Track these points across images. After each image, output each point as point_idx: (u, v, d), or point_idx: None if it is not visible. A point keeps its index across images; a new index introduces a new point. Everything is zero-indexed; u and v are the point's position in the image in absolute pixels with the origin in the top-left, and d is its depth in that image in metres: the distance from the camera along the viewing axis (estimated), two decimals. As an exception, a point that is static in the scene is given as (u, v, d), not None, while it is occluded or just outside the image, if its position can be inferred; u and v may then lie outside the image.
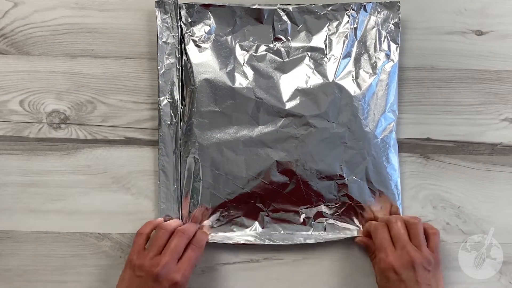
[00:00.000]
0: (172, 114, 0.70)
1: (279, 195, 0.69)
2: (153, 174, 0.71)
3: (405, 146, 0.72)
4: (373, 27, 0.70)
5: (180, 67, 0.70)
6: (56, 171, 0.71)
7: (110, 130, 0.71)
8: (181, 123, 0.70)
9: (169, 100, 0.70)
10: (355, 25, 0.70)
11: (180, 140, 0.70)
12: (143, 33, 0.72)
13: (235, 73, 0.69)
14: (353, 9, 0.70)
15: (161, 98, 0.70)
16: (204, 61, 0.70)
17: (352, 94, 0.69)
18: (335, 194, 0.69)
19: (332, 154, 0.69)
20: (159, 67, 0.70)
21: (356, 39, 0.70)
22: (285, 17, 0.70)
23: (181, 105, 0.70)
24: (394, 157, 0.70)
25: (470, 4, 0.73)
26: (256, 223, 0.70)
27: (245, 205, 0.70)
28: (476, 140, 0.72)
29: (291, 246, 0.70)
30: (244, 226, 0.70)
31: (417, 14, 0.72)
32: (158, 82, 0.70)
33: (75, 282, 0.70)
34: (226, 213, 0.69)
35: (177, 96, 0.70)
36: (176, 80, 0.70)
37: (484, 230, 0.71)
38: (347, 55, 0.70)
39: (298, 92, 0.69)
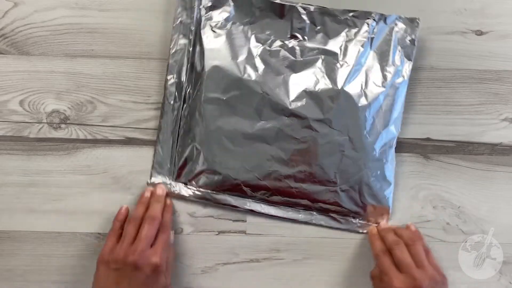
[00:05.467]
0: (177, 95, 0.70)
1: (270, 190, 0.69)
2: (153, 174, 0.71)
3: (405, 146, 0.72)
4: (390, 40, 0.70)
5: (191, 49, 0.69)
6: (56, 171, 0.71)
7: (110, 130, 0.71)
8: (184, 105, 0.70)
9: (176, 80, 0.70)
10: (373, 35, 0.69)
11: (180, 121, 0.70)
12: (143, 33, 0.72)
13: (246, 65, 0.69)
14: (374, 19, 0.69)
15: (169, 77, 0.70)
16: (217, 47, 0.69)
17: (358, 104, 0.68)
18: (325, 199, 0.69)
19: (329, 161, 0.68)
20: (171, 46, 0.70)
21: (371, 49, 0.69)
22: (304, 16, 0.70)
23: (188, 87, 0.70)
24: (390, 173, 0.69)
25: (470, 4, 0.73)
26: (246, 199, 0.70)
27: (233, 191, 0.70)
28: (476, 140, 0.72)
29: (291, 246, 0.70)
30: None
31: (417, 14, 0.72)
32: (168, 60, 0.70)
33: (75, 282, 0.70)
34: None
35: (184, 77, 0.70)
36: (185, 61, 0.70)
37: (484, 230, 0.71)
38: (359, 64, 0.69)
39: (305, 93, 0.68)
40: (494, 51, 0.73)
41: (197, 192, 0.70)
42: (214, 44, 0.69)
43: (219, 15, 0.70)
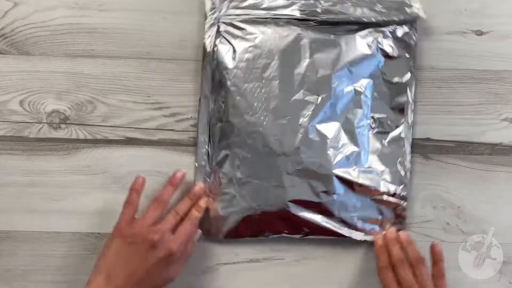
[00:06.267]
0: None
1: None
2: (153, 174, 0.71)
3: (405, 146, 0.72)
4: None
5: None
6: (56, 171, 0.71)
7: (110, 130, 0.71)
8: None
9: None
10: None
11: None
12: (143, 33, 0.72)
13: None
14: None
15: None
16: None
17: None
18: None
19: None
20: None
21: None
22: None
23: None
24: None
25: (470, 4, 0.73)
26: None
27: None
28: (476, 140, 0.72)
29: (291, 247, 0.71)
30: None
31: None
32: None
33: (75, 282, 0.70)
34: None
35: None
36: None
37: (484, 230, 0.71)
38: None
39: None
40: (494, 51, 0.73)
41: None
42: None
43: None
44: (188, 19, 0.72)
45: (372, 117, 0.70)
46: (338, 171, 0.69)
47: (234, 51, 0.69)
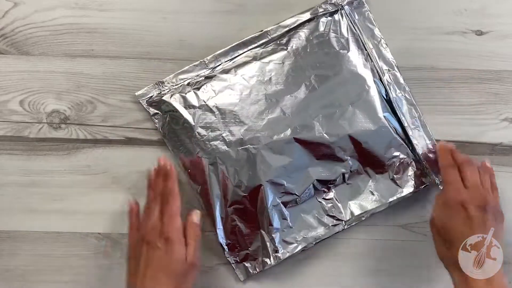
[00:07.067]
0: None
1: None
2: (153, 174, 0.71)
3: (405, 146, 0.72)
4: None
5: None
6: (56, 171, 0.71)
7: (110, 130, 0.71)
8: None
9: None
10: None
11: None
12: (143, 33, 0.72)
13: None
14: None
15: None
16: None
17: None
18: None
19: None
20: None
21: None
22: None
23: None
24: None
25: (470, 4, 0.73)
26: None
27: None
28: (476, 140, 0.72)
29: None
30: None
31: (417, 14, 0.72)
32: None
33: (75, 282, 0.70)
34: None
35: None
36: None
37: (484, 230, 0.71)
38: None
39: None
40: (494, 51, 0.73)
41: None
42: None
43: None
44: (188, 19, 0.72)
45: None
46: None
47: None
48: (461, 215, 0.62)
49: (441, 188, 0.68)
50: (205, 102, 0.69)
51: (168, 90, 0.70)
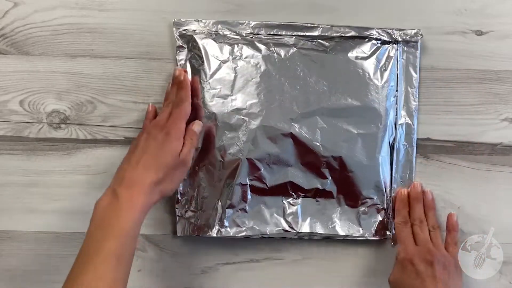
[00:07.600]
0: None
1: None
2: (153, 174, 0.71)
3: (405, 146, 0.72)
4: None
5: None
6: (56, 171, 0.71)
7: (110, 130, 0.71)
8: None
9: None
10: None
11: None
12: (143, 33, 0.72)
13: None
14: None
15: None
16: None
17: None
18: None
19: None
20: None
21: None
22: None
23: None
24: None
25: (470, 4, 0.73)
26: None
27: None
28: (476, 140, 0.72)
29: (291, 246, 0.71)
30: None
31: (417, 14, 0.72)
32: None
33: (75, 282, 0.70)
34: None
35: None
36: None
37: (484, 230, 0.71)
38: None
39: None
40: (494, 51, 0.73)
41: None
42: None
43: None
44: (187, 19, 0.72)
45: None
46: None
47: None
48: (412, 272, 0.65)
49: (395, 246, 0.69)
50: (229, 59, 0.70)
51: (203, 31, 0.70)
